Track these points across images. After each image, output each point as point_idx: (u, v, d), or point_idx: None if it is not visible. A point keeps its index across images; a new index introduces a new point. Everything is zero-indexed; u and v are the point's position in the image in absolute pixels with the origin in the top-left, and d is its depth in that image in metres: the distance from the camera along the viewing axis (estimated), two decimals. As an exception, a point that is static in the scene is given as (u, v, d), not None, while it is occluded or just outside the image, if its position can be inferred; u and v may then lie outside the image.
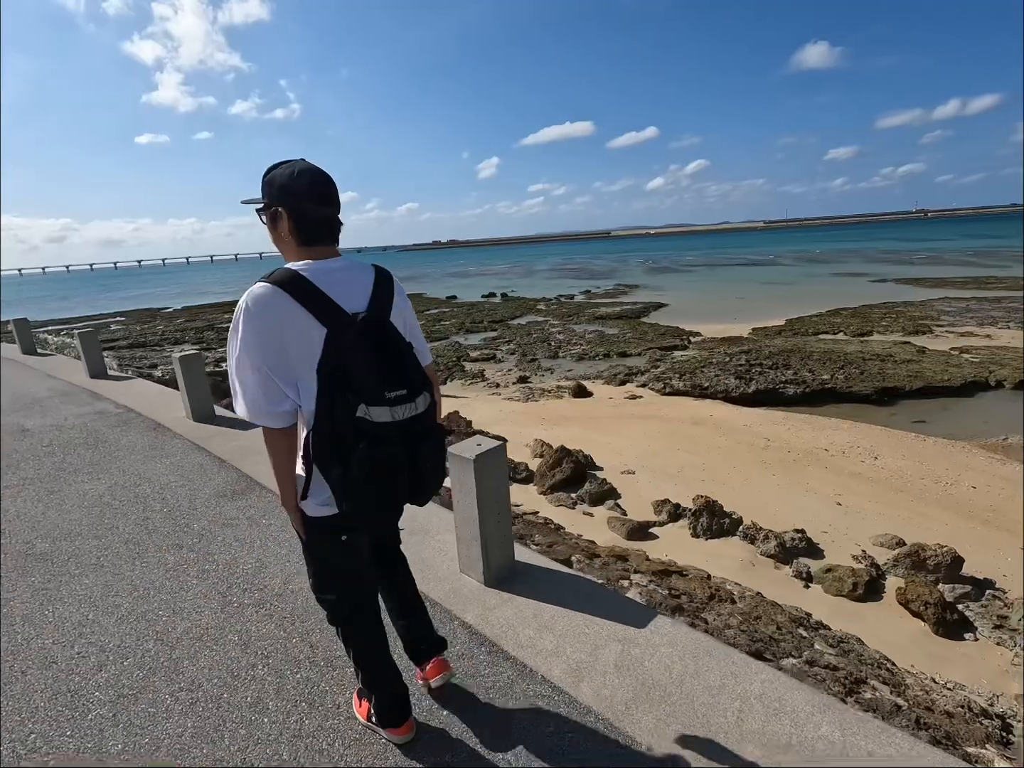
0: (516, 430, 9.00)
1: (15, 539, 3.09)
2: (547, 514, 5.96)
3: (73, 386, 6.71)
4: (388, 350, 1.33)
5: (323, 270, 1.33)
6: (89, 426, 5.07)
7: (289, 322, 1.27)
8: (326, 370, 1.27)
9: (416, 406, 1.33)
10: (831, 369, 11.65)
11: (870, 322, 18.07)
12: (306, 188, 1.33)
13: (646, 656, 1.99)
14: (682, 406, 10.37)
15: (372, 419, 1.26)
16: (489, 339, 19.49)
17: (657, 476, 7.01)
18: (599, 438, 8.53)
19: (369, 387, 1.26)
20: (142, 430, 4.88)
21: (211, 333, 24.00)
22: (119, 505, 3.47)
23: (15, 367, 8.15)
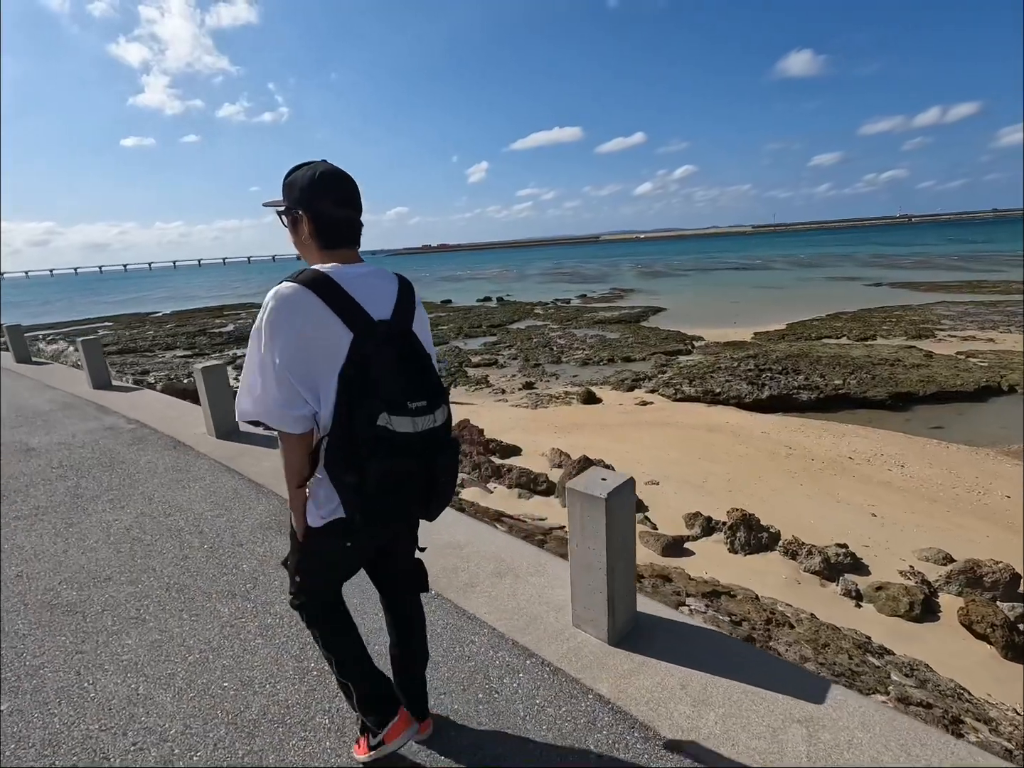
0: (529, 438, 8.74)
1: (35, 584, 2.67)
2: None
3: (76, 398, 6.29)
4: (411, 360, 1.31)
5: (349, 274, 1.30)
6: (101, 444, 4.72)
7: (315, 324, 1.24)
8: (349, 376, 1.25)
9: (435, 418, 1.32)
10: (842, 374, 11.53)
11: (871, 326, 18.06)
12: (327, 190, 1.31)
13: (842, 744, 1.64)
14: (695, 412, 10.17)
15: (394, 428, 1.23)
16: (489, 344, 19.24)
17: (682, 487, 6.77)
18: (616, 446, 8.29)
19: (392, 396, 1.24)
20: (161, 449, 4.53)
21: (203, 338, 23.52)
22: (151, 540, 3.06)
23: (11, 377, 7.71)
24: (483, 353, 17.55)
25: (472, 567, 2.72)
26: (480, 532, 3.24)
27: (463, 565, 2.74)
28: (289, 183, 1.34)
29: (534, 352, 17.07)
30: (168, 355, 20.09)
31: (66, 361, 8.21)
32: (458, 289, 44.69)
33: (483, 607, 2.38)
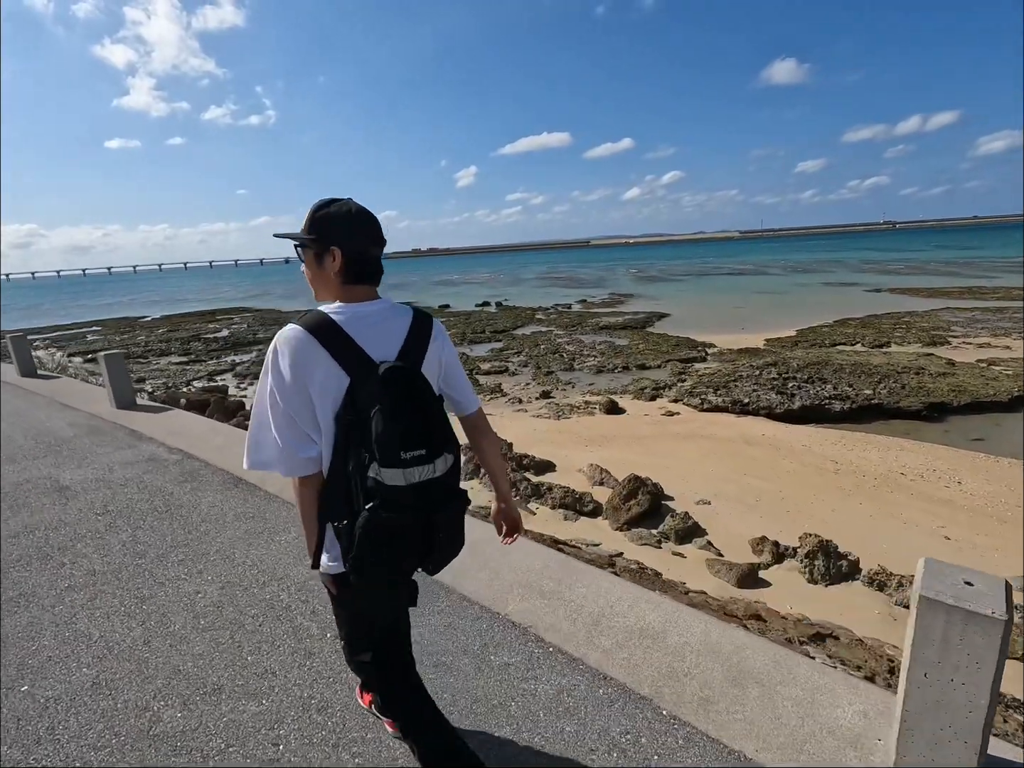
0: (560, 453, 8.33)
1: (123, 699, 1.99)
2: (633, 555, 5.29)
3: (101, 420, 5.68)
4: (413, 405, 1.25)
5: (358, 315, 1.29)
6: (147, 482, 4.15)
7: (315, 368, 1.23)
8: (345, 421, 1.23)
9: (434, 468, 1.26)
10: (869, 383, 11.26)
11: (883, 333, 17.90)
12: (363, 228, 1.31)
13: None
14: (727, 424, 9.82)
15: (383, 481, 1.20)
16: (496, 350, 18.81)
17: (736, 507, 6.39)
18: (653, 461, 7.90)
19: (385, 446, 1.19)
20: (220, 487, 3.96)
21: (198, 344, 22.86)
22: (253, 625, 2.43)
23: (18, 394, 6.99)
24: (492, 360, 17.13)
25: (694, 666, 2.13)
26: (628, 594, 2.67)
27: (680, 665, 2.14)
28: (322, 218, 1.30)
29: (544, 359, 16.68)
30: (163, 362, 19.42)
31: (76, 374, 7.54)
32: (454, 294, 44.23)
33: (750, 741, 1.82)
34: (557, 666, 2.17)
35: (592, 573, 2.88)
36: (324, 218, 1.31)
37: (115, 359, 6.09)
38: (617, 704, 1.98)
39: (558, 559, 3.06)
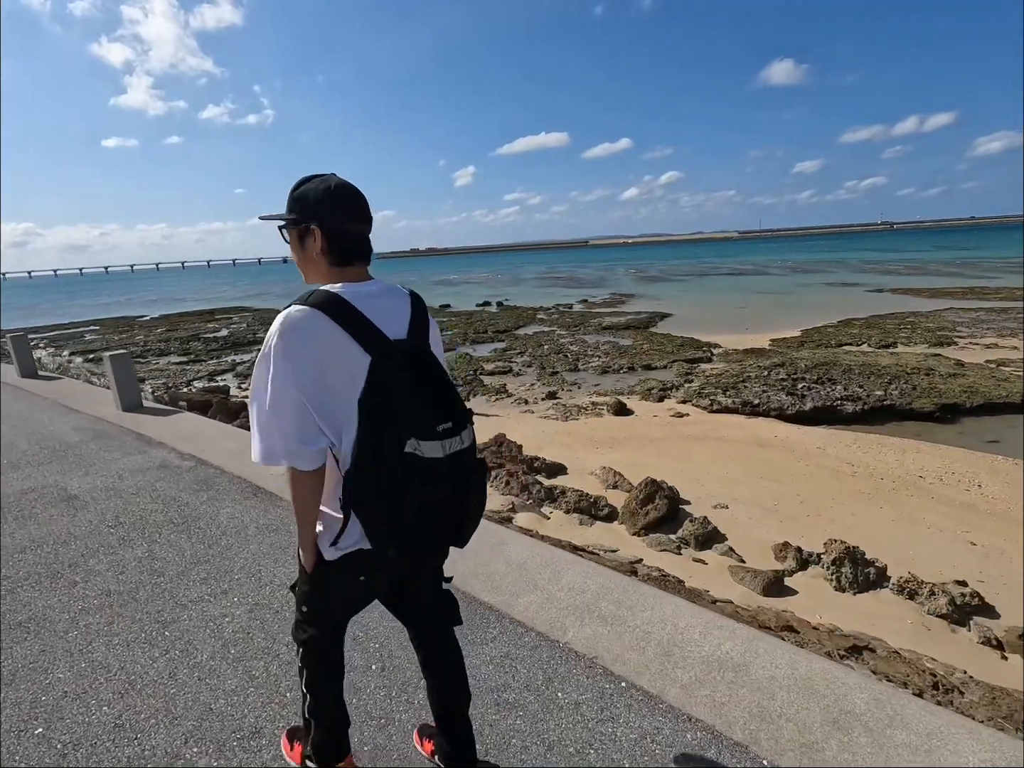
0: (571, 455, 8.18)
1: (151, 744, 1.80)
2: (653, 562, 5.14)
3: (107, 423, 5.44)
4: (433, 380, 1.25)
5: (361, 293, 1.24)
6: (160, 490, 3.94)
7: (331, 348, 1.16)
8: (371, 402, 1.17)
9: (462, 440, 1.26)
10: (880, 384, 11.14)
11: (888, 333, 17.80)
12: (342, 203, 1.25)
13: None
14: (737, 425, 9.68)
15: (424, 455, 1.17)
16: (499, 350, 18.66)
17: (755, 511, 6.26)
18: (667, 464, 7.76)
19: (418, 420, 1.17)
20: (239, 497, 3.74)
21: (197, 344, 22.67)
22: (288, 654, 2.21)
23: (19, 396, 6.69)
24: (495, 360, 16.98)
25: (787, 706, 1.91)
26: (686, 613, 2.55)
27: (771, 704, 1.92)
28: (299, 196, 1.25)
29: (549, 359, 16.54)
30: (163, 361, 19.24)
31: (78, 375, 7.27)
32: (454, 293, 44.06)
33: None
34: (634, 704, 1.96)
35: (654, 595, 2.70)
36: (302, 196, 1.25)
37: (121, 360, 5.87)
38: (710, 751, 1.78)
39: (615, 579, 2.89)
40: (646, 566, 4.93)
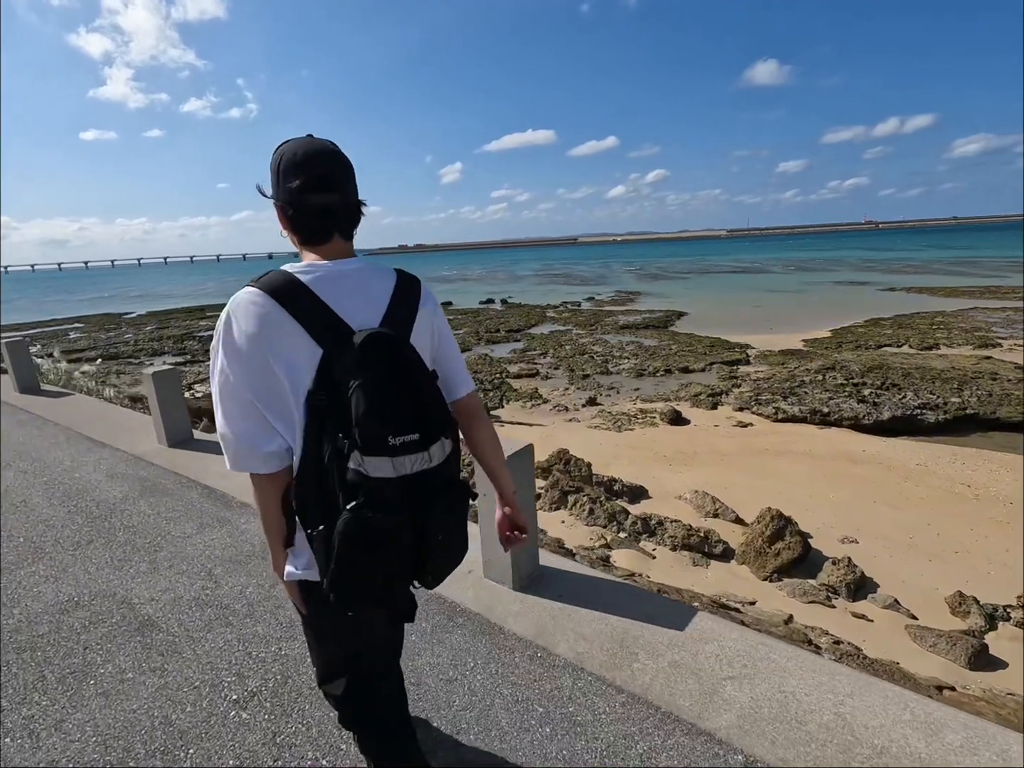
0: (645, 473, 7.25)
1: None
2: (806, 618, 4.22)
3: (149, 465, 4.06)
4: (401, 380, 1.02)
5: (330, 274, 1.06)
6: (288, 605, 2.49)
7: (278, 338, 1.00)
8: (318, 403, 0.99)
9: (429, 457, 1.02)
10: (950, 391, 10.35)
11: (924, 334, 17.11)
12: (297, 172, 1.05)
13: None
14: (812, 436, 8.82)
15: (367, 473, 0.96)
16: (518, 351, 17.68)
17: (890, 546, 5.37)
18: (759, 484, 6.86)
19: (368, 430, 0.96)
20: (472, 633, 2.45)
21: (192, 343, 21.40)
22: None
23: (22, 421, 5.15)
24: (518, 362, 15.99)
25: None
26: None
27: None
28: (271, 165, 1.10)
29: (575, 361, 15.59)
30: (158, 362, 17.94)
31: (89, 390, 5.94)
32: (453, 291, 42.97)
33: None
34: None
35: (853, 679, 2.06)
36: (271, 167, 1.10)
37: (167, 379, 4.39)
38: None
39: (783, 652, 2.21)
40: (808, 629, 4.00)
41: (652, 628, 2.29)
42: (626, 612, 2.38)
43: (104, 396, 5.46)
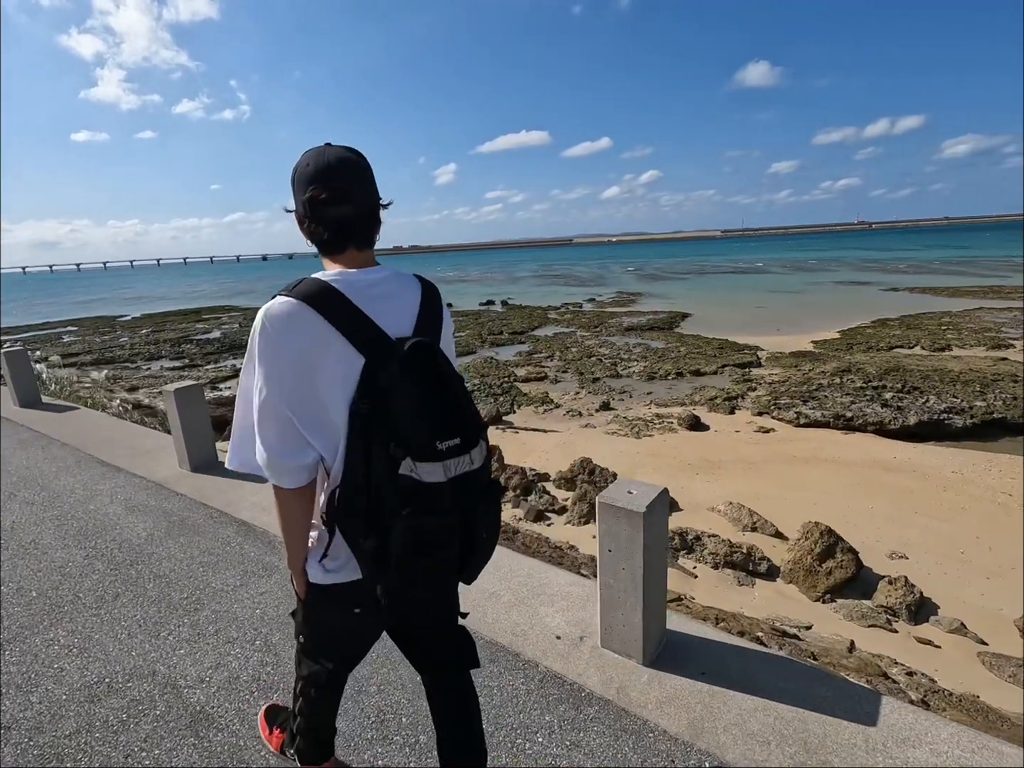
0: (672, 484, 6.95)
1: None
2: (868, 644, 3.94)
3: (173, 494, 3.58)
4: (440, 387, 1.04)
5: (360, 283, 1.06)
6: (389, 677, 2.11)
7: (318, 348, 0.99)
8: (362, 412, 0.99)
9: (472, 460, 1.05)
10: (973, 394, 10.12)
11: (934, 335, 16.92)
12: (314, 184, 1.05)
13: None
14: (837, 443, 8.56)
15: (421, 478, 0.97)
16: (524, 354, 17.38)
17: (942, 562, 5.10)
18: (793, 495, 6.59)
19: (418, 436, 0.97)
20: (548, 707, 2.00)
21: (190, 347, 20.96)
22: None
23: (24, 440, 4.67)
24: (524, 365, 15.69)
25: None
26: None
27: None
28: (291, 179, 1.11)
29: (583, 364, 15.30)
30: (155, 367, 17.55)
31: (94, 402, 5.49)
32: (452, 292, 42.64)
33: None
34: None
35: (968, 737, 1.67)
36: (291, 178, 1.11)
37: (190, 397, 3.96)
38: None
39: (862, 702, 1.87)
40: (875, 657, 3.71)
41: (836, 723, 1.80)
42: (792, 697, 1.90)
43: (102, 407, 5.04)
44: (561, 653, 2.15)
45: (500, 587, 2.56)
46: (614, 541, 1.90)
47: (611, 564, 1.96)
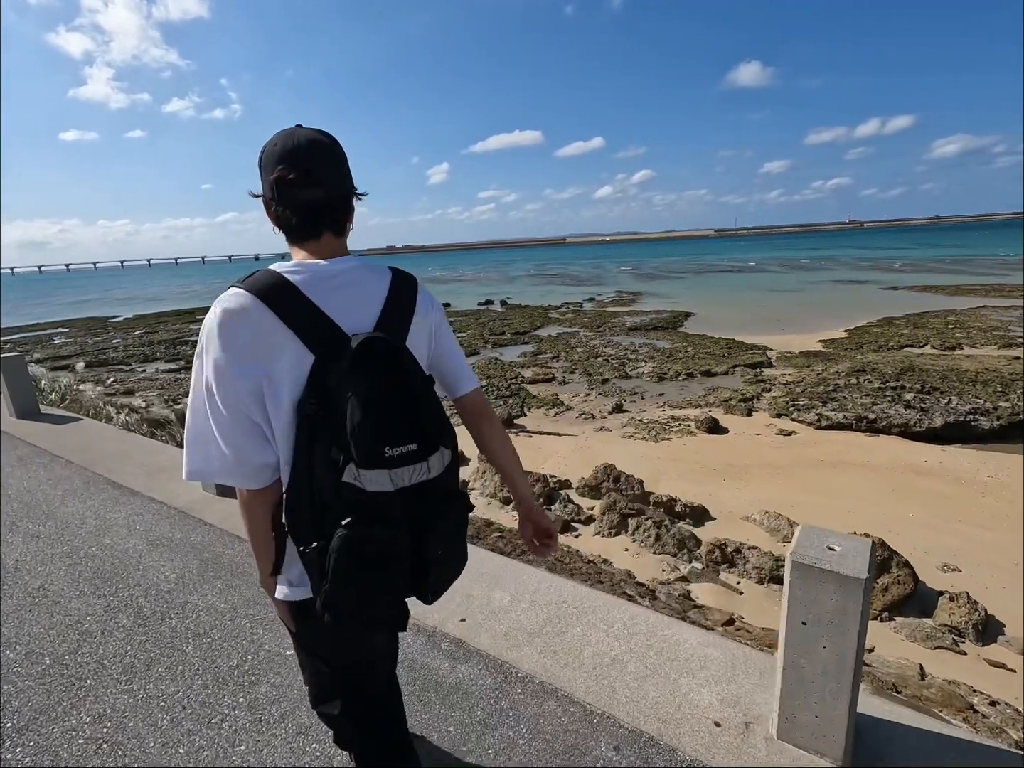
0: (700, 491, 6.69)
1: None
2: (935, 669, 3.67)
3: (200, 523, 3.15)
4: (398, 387, 0.96)
5: (321, 274, 0.99)
6: None
7: (268, 344, 0.94)
8: (310, 412, 0.93)
9: (428, 468, 0.97)
10: (995, 394, 9.92)
11: (942, 333, 16.78)
12: (280, 166, 0.98)
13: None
14: (863, 446, 8.33)
15: (363, 487, 0.90)
16: (528, 354, 17.08)
17: (997, 576, 4.85)
18: (826, 502, 6.33)
19: (363, 441, 0.90)
20: None
21: (185, 348, 20.52)
22: None
23: (24, 458, 4.23)
24: (530, 366, 15.39)
25: None
26: None
27: None
28: (259, 160, 1.04)
29: (590, 364, 15.03)
30: (150, 368, 17.12)
31: (98, 411, 5.06)
32: (449, 292, 42.29)
33: None
34: None
35: None
36: (259, 160, 1.04)
37: None
38: None
39: None
40: (951, 684, 3.44)
41: None
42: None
43: (106, 418, 4.60)
44: (730, 748, 1.69)
45: (620, 649, 2.10)
46: (813, 612, 1.50)
47: (806, 640, 1.55)
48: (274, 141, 1.01)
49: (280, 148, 0.99)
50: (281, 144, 0.99)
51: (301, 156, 0.98)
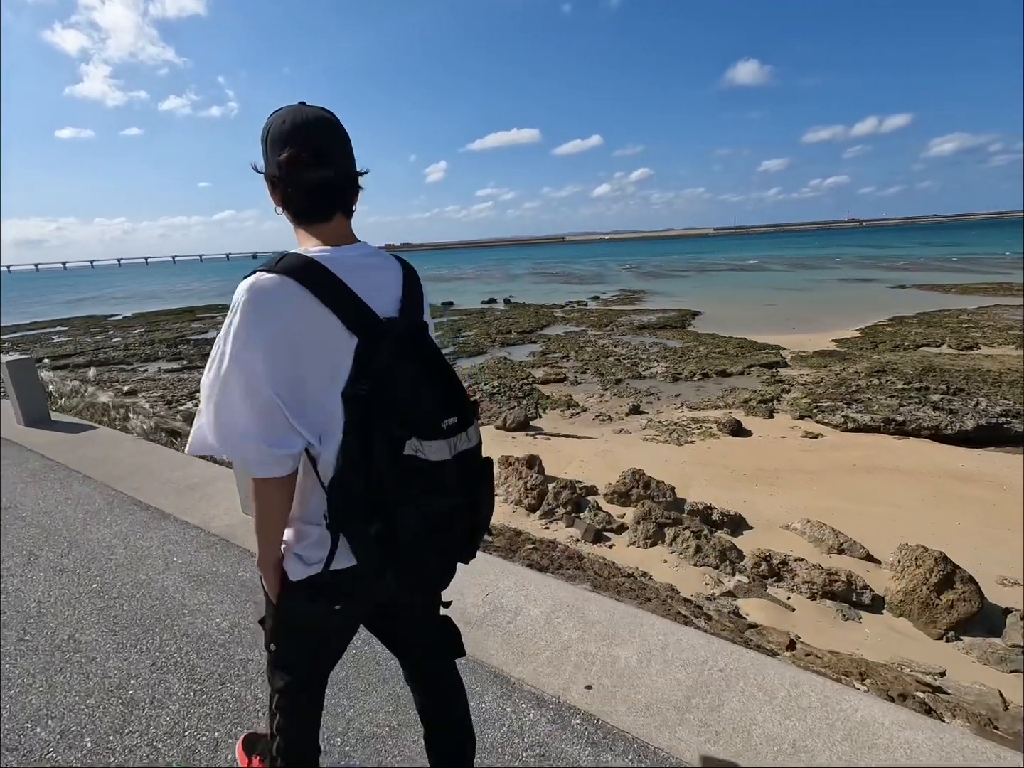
0: (733, 497, 6.43)
1: None
2: (1016, 695, 3.42)
3: (252, 557, 2.60)
4: (433, 367, 1.03)
5: (344, 259, 0.99)
6: None
7: (307, 326, 0.93)
8: (359, 395, 0.94)
9: (469, 438, 1.03)
10: (1022, 395, 9.68)
11: (957, 333, 16.54)
12: (289, 143, 0.96)
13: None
14: (893, 449, 8.08)
15: (427, 457, 0.94)
16: (537, 354, 16.81)
17: (1062, 589, 4.60)
18: (867, 509, 6.07)
19: (421, 415, 0.95)
20: None
21: (187, 347, 20.23)
22: None
23: (36, 472, 3.84)
24: (540, 366, 15.12)
25: None
26: None
27: None
28: (261, 137, 1.01)
29: (601, 364, 14.77)
30: (152, 368, 16.82)
31: (113, 417, 4.68)
32: (452, 290, 42.00)
33: None
34: None
35: None
36: (262, 137, 1.02)
37: None
38: None
39: None
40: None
41: None
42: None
43: (120, 425, 4.19)
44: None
45: (797, 732, 1.70)
46: None
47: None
48: (282, 118, 0.97)
49: (289, 126, 0.96)
50: (290, 121, 0.96)
51: (312, 135, 0.96)
